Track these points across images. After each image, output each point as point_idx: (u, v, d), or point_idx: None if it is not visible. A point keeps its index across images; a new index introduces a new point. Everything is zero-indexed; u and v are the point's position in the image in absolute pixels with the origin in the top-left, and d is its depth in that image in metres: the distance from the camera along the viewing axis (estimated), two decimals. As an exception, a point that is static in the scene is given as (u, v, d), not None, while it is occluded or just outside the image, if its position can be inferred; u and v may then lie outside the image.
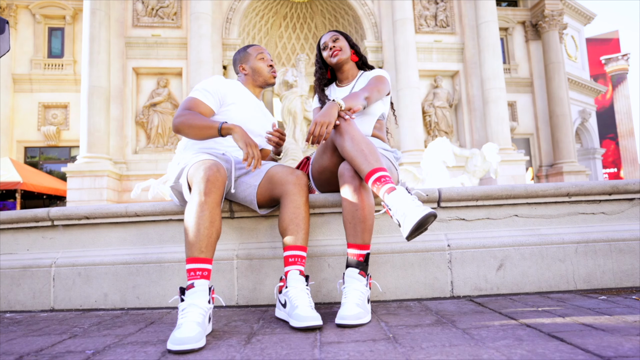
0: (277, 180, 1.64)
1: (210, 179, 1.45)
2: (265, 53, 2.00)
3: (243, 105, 1.88)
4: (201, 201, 1.42)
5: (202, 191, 1.43)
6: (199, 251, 1.38)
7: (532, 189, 1.88)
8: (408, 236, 1.32)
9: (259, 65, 1.97)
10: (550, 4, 15.76)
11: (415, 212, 1.30)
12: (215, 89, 1.81)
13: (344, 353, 1.04)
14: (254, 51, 2.00)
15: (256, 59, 1.98)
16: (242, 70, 2.00)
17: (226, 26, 12.30)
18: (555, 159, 15.55)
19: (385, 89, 1.91)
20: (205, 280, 1.36)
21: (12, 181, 10.31)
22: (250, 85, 2.00)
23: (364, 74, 2.05)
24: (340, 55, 1.98)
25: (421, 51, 12.75)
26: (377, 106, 1.95)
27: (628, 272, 1.82)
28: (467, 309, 1.53)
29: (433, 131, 12.91)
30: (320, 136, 1.49)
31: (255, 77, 1.99)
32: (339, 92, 2.04)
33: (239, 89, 1.92)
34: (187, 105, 1.76)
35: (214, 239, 1.43)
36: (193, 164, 1.56)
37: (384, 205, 1.41)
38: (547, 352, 0.97)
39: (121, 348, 1.19)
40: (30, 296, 1.94)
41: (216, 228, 1.44)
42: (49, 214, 1.99)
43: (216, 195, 1.46)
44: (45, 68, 13.59)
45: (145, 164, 11.42)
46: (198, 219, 1.40)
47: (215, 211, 1.44)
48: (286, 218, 1.57)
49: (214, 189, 1.45)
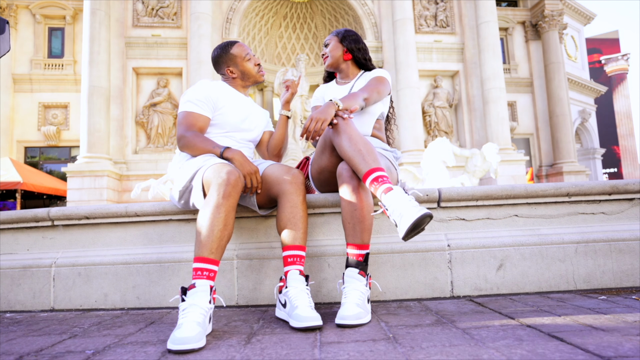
0: (273, 180, 1.64)
1: (231, 183, 1.45)
2: (250, 52, 1.97)
3: (236, 107, 1.87)
4: (219, 203, 1.42)
5: (223, 193, 1.43)
6: (209, 252, 1.38)
7: (532, 189, 1.88)
8: (404, 236, 1.31)
9: (247, 68, 1.95)
10: (550, 4, 15.76)
11: (411, 213, 1.30)
12: (205, 96, 1.80)
13: (344, 353, 1.04)
14: (240, 52, 1.95)
15: (244, 61, 1.94)
16: (229, 73, 1.96)
17: (226, 26, 12.30)
18: (555, 159, 15.56)
19: (385, 89, 1.90)
20: (208, 280, 1.36)
21: (12, 181, 10.31)
22: (238, 86, 1.98)
23: (365, 73, 2.04)
24: (327, 61, 2.06)
25: (421, 51, 12.75)
26: (377, 106, 1.95)
27: (628, 272, 1.82)
28: (467, 309, 1.53)
29: (433, 131, 12.91)
30: (315, 132, 1.48)
31: (245, 79, 1.98)
32: (338, 90, 2.04)
33: (227, 91, 1.90)
34: (187, 123, 1.76)
35: (225, 242, 1.43)
36: (210, 166, 1.53)
37: (381, 205, 1.41)
38: (547, 352, 0.97)
39: (121, 348, 1.19)
40: (30, 296, 1.94)
41: (229, 231, 1.44)
42: (49, 214, 1.99)
43: (234, 200, 1.46)
44: (45, 68, 13.59)
45: (145, 164, 11.41)
46: (213, 220, 1.40)
47: (230, 215, 1.44)
48: (284, 218, 1.57)
49: (234, 193, 1.46)
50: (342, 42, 2.02)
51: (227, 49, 1.95)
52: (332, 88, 2.10)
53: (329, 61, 2.05)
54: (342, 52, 2.03)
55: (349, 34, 2.05)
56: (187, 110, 1.79)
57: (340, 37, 2.03)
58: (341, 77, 2.10)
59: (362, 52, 2.05)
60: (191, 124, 1.76)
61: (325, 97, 2.08)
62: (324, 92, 2.12)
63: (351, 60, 2.05)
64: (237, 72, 1.95)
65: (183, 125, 1.77)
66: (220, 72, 1.99)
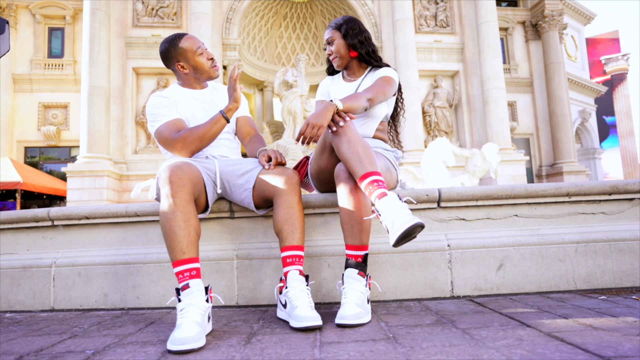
0: (267, 181, 1.62)
1: (173, 180, 1.43)
2: (202, 46, 1.84)
3: (193, 104, 1.82)
4: (170, 204, 1.41)
5: (168, 193, 1.42)
6: (180, 252, 1.38)
7: (532, 189, 1.88)
8: (395, 244, 1.31)
9: (199, 62, 1.82)
10: (550, 4, 15.76)
11: (403, 221, 1.29)
12: (165, 105, 1.75)
13: (344, 353, 1.04)
14: (190, 46, 1.81)
15: (196, 55, 1.81)
16: (180, 68, 1.84)
17: (226, 26, 12.30)
18: (555, 159, 15.56)
19: (391, 90, 1.84)
20: (197, 279, 1.36)
21: (12, 181, 10.31)
22: (192, 83, 1.88)
23: (373, 71, 1.96)
24: (336, 61, 1.95)
25: (421, 51, 12.76)
26: (381, 108, 1.90)
27: (628, 272, 1.82)
28: (467, 309, 1.53)
29: (433, 131, 12.91)
30: (310, 138, 1.46)
31: (197, 75, 1.86)
32: (345, 87, 1.98)
33: (180, 92, 1.84)
34: (169, 131, 1.69)
35: (194, 237, 1.41)
36: (162, 170, 1.52)
37: (374, 210, 1.40)
38: (547, 352, 0.97)
39: (121, 348, 1.19)
40: (30, 296, 1.94)
41: (193, 226, 1.42)
42: (49, 214, 1.99)
43: (184, 194, 1.44)
44: (45, 68, 13.60)
45: (145, 164, 11.41)
46: (171, 222, 1.39)
47: (188, 209, 1.42)
48: (280, 219, 1.56)
49: (179, 187, 1.43)
50: (345, 38, 1.90)
51: (175, 43, 1.81)
52: (339, 84, 2.02)
53: (339, 62, 1.94)
54: (348, 50, 1.92)
55: (350, 27, 1.90)
56: (160, 124, 1.72)
57: (343, 32, 1.90)
58: (348, 74, 2.02)
59: (365, 45, 1.92)
60: (174, 129, 1.70)
61: (331, 93, 2.02)
62: (329, 86, 2.05)
63: (357, 57, 1.96)
64: (188, 68, 1.83)
65: (169, 134, 1.69)
66: (170, 68, 1.86)
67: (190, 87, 1.89)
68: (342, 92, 1.96)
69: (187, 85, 1.89)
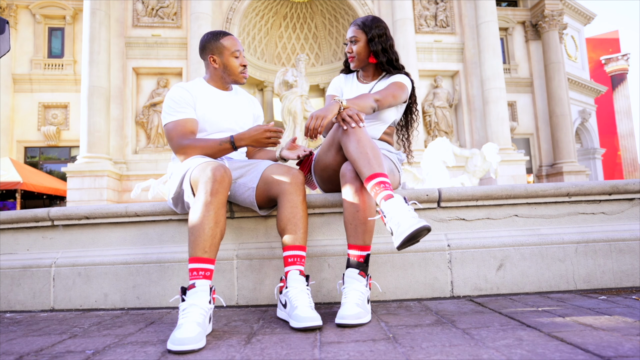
0: (272, 180, 1.63)
1: (217, 179, 1.44)
2: (240, 50, 1.85)
3: (215, 106, 1.82)
4: (207, 201, 1.41)
5: (209, 191, 1.42)
6: (202, 251, 1.38)
7: (532, 189, 1.88)
8: (399, 246, 1.30)
9: (232, 64, 1.84)
10: (550, 4, 15.76)
11: (409, 224, 1.28)
12: (184, 100, 1.75)
13: (344, 353, 1.04)
14: (230, 45, 1.83)
15: (231, 56, 1.83)
16: (212, 62, 1.84)
17: (226, 26, 12.29)
18: (555, 159, 15.55)
19: (402, 96, 1.83)
20: (207, 280, 1.36)
21: (12, 181, 10.31)
22: (218, 81, 1.89)
23: (387, 77, 1.95)
24: (353, 62, 1.93)
25: (421, 51, 12.76)
26: (390, 113, 1.91)
27: (628, 272, 1.82)
28: (467, 309, 1.53)
29: (433, 131, 12.91)
30: (314, 129, 1.47)
31: (225, 75, 1.87)
32: (358, 88, 1.98)
33: (205, 90, 1.84)
34: (178, 133, 1.71)
35: (218, 240, 1.42)
36: (196, 166, 1.53)
37: (379, 211, 1.41)
38: (547, 352, 0.97)
39: (121, 348, 1.19)
40: (30, 296, 1.94)
41: (220, 228, 1.43)
42: (49, 214, 1.99)
43: (222, 196, 1.45)
44: (45, 68, 13.59)
45: (145, 164, 11.41)
46: (203, 218, 1.40)
47: (221, 212, 1.44)
48: (284, 218, 1.56)
49: (221, 189, 1.45)
50: (370, 43, 1.88)
51: (218, 37, 1.84)
52: (352, 84, 2.01)
53: (356, 63, 1.93)
54: (368, 55, 1.91)
55: (377, 33, 1.87)
56: (172, 120, 1.74)
57: (369, 36, 1.87)
58: (363, 76, 2.02)
59: (387, 54, 1.90)
60: (182, 132, 1.71)
61: (344, 92, 2.02)
62: (343, 85, 2.05)
63: (375, 64, 1.95)
64: (219, 64, 1.84)
65: (176, 136, 1.71)
66: (203, 58, 1.88)
67: (215, 85, 1.89)
68: (354, 93, 1.97)
69: (213, 83, 1.90)
